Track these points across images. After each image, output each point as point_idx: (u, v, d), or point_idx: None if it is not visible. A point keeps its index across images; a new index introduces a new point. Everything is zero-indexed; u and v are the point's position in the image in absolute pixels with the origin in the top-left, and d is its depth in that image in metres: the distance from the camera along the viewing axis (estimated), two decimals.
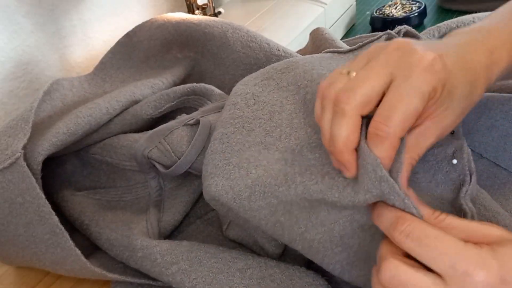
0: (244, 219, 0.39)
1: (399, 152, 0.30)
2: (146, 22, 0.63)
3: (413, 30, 0.43)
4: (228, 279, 0.38)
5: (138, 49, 0.62)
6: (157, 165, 0.46)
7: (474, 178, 0.37)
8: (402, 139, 0.31)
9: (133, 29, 0.63)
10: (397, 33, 0.42)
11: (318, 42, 0.62)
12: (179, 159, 0.45)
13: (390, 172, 0.29)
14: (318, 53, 0.61)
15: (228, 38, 0.60)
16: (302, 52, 0.68)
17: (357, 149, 0.31)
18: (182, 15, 0.64)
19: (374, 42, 0.42)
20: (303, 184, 0.34)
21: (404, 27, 0.43)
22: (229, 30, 0.60)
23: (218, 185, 0.38)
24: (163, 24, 0.62)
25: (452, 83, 0.31)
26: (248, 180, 0.37)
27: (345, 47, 0.56)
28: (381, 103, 0.30)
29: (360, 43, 0.44)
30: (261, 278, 0.38)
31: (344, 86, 0.31)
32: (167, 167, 0.46)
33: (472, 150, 0.46)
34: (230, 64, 0.60)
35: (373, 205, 0.31)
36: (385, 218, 0.30)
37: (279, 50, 0.59)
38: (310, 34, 0.66)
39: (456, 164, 0.37)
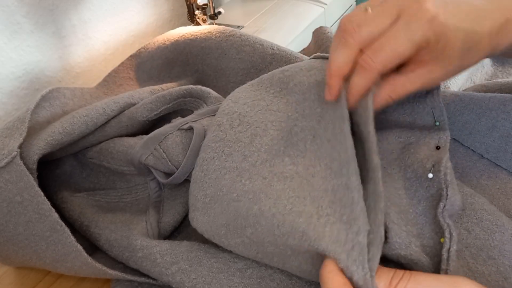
0: None
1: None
2: (149, 43, 0.65)
3: None
4: (228, 279, 0.38)
5: (142, 69, 0.63)
6: (155, 173, 0.46)
7: (451, 191, 0.36)
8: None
9: (137, 51, 0.64)
10: None
11: (320, 41, 0.62)
12: (175, 167, 0.45)
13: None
14: (319, 52, 0.61)
15: (223, 47, 0.60)
16: (305, 51, 0.67)
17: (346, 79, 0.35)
18: (180, 31, 0.64)
19: None
20: (267, 227, 0.34)
21: None
22: (223, 39, 0.61)
23: (198, 220, 0.40)
24: (163, 43, 0.63)
25: (449, 40, 0.32)
26: (222, 219, 0.38)
27: None
28: (378, 40, 0.33)
29: None
30: (260, 277, 0.38)
31: (356, 21, 0.34)
32: (164, 173, 0.46)
33: (472, 150, 0.46)
34: (230, 73, 0.60)
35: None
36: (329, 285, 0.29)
37: (273, 49, 0.59)
38: (313, 32, 0.66)
39: (432, 178, 0.37)
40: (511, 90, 0.49)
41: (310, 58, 0.46)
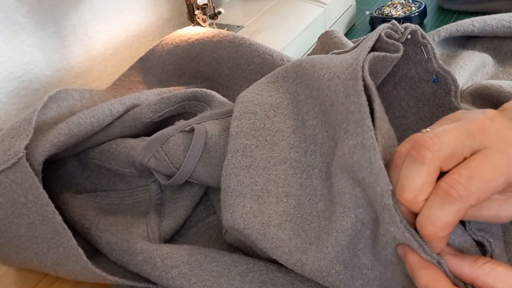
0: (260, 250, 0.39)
1: None
2: (157, 45, 0.64)
3: (422, 31, 0.39)
4: (229, 283, 0.38)
5: (152, 73, 0.63)
6: (157, 175, 0.46)
7: None
8: None
9: (146, 54, 0.64)
10: (403, 31, 0.38)
11: (327, 47, 0.60)
12: (177, 169, 0.45)
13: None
14: None
15: (235, 58, 0.60)
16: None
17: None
18: (190, 33, 0.64)
19: (374, 34, 0.38)
20: (337, 222, 0.33)
21: (415, 26, 0.38)
22: (233, 49, 0.60)
23: (246, 206, 0.37)
24: (174, 49, 0.63)
25: None
26: (279, 208, 0.36)
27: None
28: (463, 163, 0.26)
29: (364, 36, 0.42)
30: (262, 282, 0.38)
31: (429, 134, 0.27)
32: (166, 175, 0.46)
33: None
34: (243, 83, 0.60)
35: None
36: (408, 262, 0.29)
37: (282, 60, 0.58)
38: (319, 38, 0.64)
39: None
40: None
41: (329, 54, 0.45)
